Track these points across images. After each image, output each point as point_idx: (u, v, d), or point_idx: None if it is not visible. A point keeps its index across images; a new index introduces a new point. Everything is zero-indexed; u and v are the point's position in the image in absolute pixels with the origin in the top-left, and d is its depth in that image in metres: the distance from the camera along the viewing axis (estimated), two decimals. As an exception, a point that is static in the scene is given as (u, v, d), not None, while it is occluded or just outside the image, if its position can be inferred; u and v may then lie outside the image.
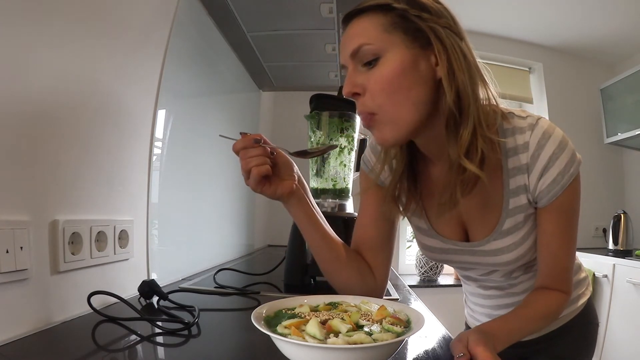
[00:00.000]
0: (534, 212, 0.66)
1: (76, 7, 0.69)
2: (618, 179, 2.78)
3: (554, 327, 0.82)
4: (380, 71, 0.58)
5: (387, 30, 0.57)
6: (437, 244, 0.74)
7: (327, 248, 0.72)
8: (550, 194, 0.62)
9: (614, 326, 2.08)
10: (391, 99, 0.58)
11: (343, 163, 1.08)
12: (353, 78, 0.60)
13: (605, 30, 2.46)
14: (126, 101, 0.85)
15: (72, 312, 0.69)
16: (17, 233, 0.57)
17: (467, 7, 2.38)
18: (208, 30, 1.26)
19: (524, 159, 0.63)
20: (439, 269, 2.51)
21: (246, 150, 0.64)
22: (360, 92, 0.59)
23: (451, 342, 0.55)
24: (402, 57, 0.57)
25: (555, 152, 0.60)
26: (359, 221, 0.78)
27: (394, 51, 0.57)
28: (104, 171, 0.78)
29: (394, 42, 0.57)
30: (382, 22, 0.58)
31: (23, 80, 0.59)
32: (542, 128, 0.61)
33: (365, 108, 0.60)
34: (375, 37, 0.57)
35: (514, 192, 0.65)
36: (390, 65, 0.57)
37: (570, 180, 0.61)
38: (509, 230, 0.67)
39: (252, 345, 0.62)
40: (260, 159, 0.63)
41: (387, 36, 0.57)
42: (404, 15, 0.57)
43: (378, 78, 0.58)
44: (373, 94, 0.58)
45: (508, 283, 0.78)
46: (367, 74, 0.59)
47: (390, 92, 0.57)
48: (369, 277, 0.75)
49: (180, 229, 1.15)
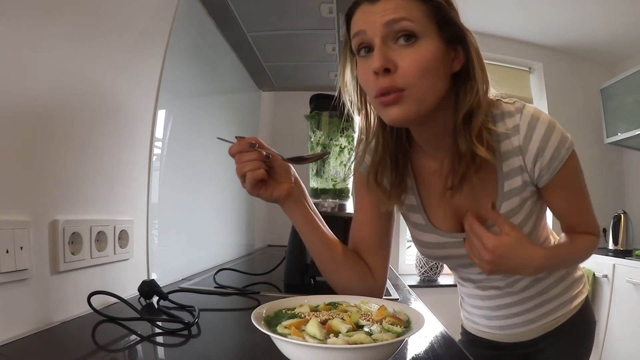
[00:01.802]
0: (529, 196, 0.68)
1: (76, 7, 0.69)
2: (618, 179, 2.78)
3: (552, 327, 0.82)
4: (419, 52, 0.57)
5: (427, 16, 0.58)
6: (435, 238, 0.74)
7: (325, 249, 0.72)
8: (550, 170, 0.64)
9: (614, 326, 2.08)
10: (424, 81, 0.58)
11: (343, 163, 1.08)
12: (385, 52, 0.57)
13: (605, 30, 2.46)
14: (126, 101, 0.85)
15: (72, 312, 0.69)
16: (17, 233, 0.57)
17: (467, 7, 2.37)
18: (208, 30, 1.26)
19: (516, 142, 0.64)
20: (439, 269, 2.51)
21: (241, 155, 0.64)
22: (392, 67, 0.58)
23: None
24: (437, 46, 0.58)
25: (547, 131, 0.63)
26: (355, 221, 0.78)
27: (430, 37, 0.58)
28: (104, 171, 0.78)
29: (431, 29, 0.58)
30: (422, 7, 0.58)
31: (23, 80, 0.59)
32: (529, 111, 0.64)
33: (395, 83, 0.57)
34: (417, 18, 0.57)
35: (507, 174, 0.66)
36: (428, 49, 0.57)
37: (568, 153, 0.64)
38: (505, 215, 0.68)
39: (252, 345, 0.61)
40: (255, 163, 0.63)
41: (427, 22, 0.58)
42: (440, 7, 0.58)
43: (417, 57, 0.57)
44: (407, 72, 0.57)
45: (506, 282, 0.78)
46: (400, 51, 0.57)
47: (425, 74, 0.57)
48: (368, 276, 0.75)
49: (180, 229, 1.15)
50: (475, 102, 0.60)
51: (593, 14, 2.31)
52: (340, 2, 1.14)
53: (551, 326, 0.82)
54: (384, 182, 0.71)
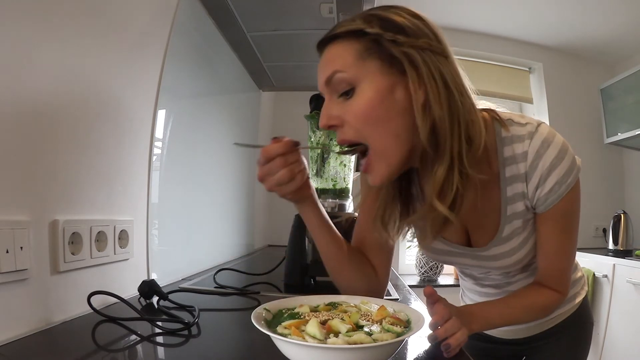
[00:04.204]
0: (532, 217, 0.67)
1: (76, 7, 0.69)
2: (618, 179, 2.78)
3: (549, 325, 0.82)
4: (356, 103, 0.55)
5: (361, 57, 0.55)
6: (440, 246, 0.75)
7: (336, 249, 0.72)
8: (547, 202, 0.61)
9: (614, 326, 2.08)
10: (373, 130, 0.55)
11: (343, 163, 1.08)
12: (328, 110, 0.58)
13: (605, 30, 2.46)
14: (126, 101, 0.85)
15: (72, 312, 0.69)
16: (17, 233, 0.57)
17: (467, 7, 2.38)
18: (208, 30, 1.26)
19: (522, 168, 0.61)
20: (439, 269, 2.51)
21: (286, 156, 0.60)
22: (337, 124, 0.57)
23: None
24: (377, 86, 0.54)
25: (554, 161, 0.59)
26: (359, 221, 0.78)
27: (369, 80, 0.54)
28: (104, 171, 0.78)
29: (369, 70, 0.54)
30: (356, 48, 0.55)
31: (23, 80, 0.59)
32: (541, 136, 0.60)
33: (346, 136, 0.57)
34: (350, 64, 0.55)
35: (511, 199, 0.65)
36: (365, 96, 0.54)
37: (568, 189, 0.60)
38: (508, 237, 0.67)
39: (252, 345, 0.61)
40: (302, 163, 0.62)
41: (362, 63, 0.54)
42: (377, 40, 0.54)
43: (355, 110, 0.55)
44: (351, 125, 0.56)
45: (505, 281, 0.78)
46: (343, 105, 0.57)
47: (370, 123, 0.55)
48: (372, 276, 0.75)
49: (180, 229, 1.15)
50: (438, 143, 0.54)
51: (593, 14, 2.31)
52: (340, 2, 1.14)
53: (549, 324, 0.82)
54: (391, 222, 0.68)
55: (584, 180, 0.64)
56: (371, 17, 0.55)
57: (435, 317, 0.56)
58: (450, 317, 0.56)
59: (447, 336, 0.54)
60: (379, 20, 0.55)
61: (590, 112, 2.70)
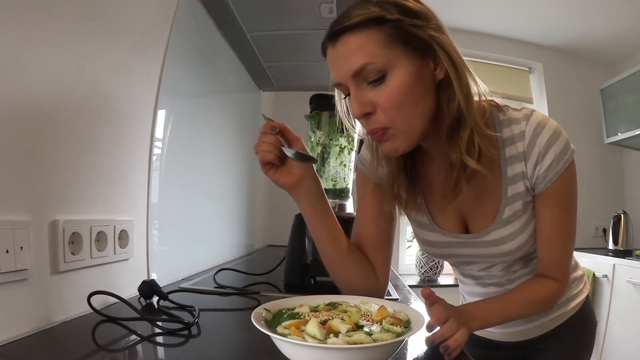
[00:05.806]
0: (532, 200, 0.68)
1: (76, 7, 0.69)
2: (618, 179, 2.78)
3: (552, 326, 0.82)
4: (390, 87, 0.57)
5: (387, 44, 0.56)
6: (438, 238, 0.75)
7: (331, 245, 0.72)
8: (546, 179, 0.63)
9: (614, 326, 2.08)
10: (404, 113, 0.58)
11: (343, 163, 1.08)
12: (360, 98, 0.59)
13: (605, 30, 2.46)
14: (126, 101, 0.85)
15: (72, 312, 0.69)
16: (17, 233, 0.57)
17: (467, 7, 2.38)
18: (208, 30, 1.26)
19: (521, 147, 0.65)
20: (439, 269, 2.51)
21: (264, 135, 0.67)
22: (371, 110, 0.59)
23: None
24: (408, 70, 0.57)
25: (550, 139, 0.62)
26: (357, 220, 0.78)
27: (399, 65, 0.57)
28: (104, 171, 0.78)
29: (396, 55, 0.56)
30: (380, 36, 0.56)
31: (23, 80, 0.59)
32: (536, 118, 0.64)
33: (378, 124, 0.59)
34: (377, 53, 0.56)
35: (511, 179, 0.66)
36: (398, 80, 0.57)
37: (566, 165, 0.63)
38: (509, 219, 0.68)
39: (252, 345, 0.61)
40: (269, 146, 0.66)
41: (389, 51, 0.56)
42: (399, 26, 0.56)
43: (389, 94, 0.57)
44: (385, 110, 0.58)
45: (507, 278, 0.78)
46: (374, 91, 0.58)
47: (402, 107, 0.58)
48: (371, 275, 0.75)
49: (180, 229, 1.15)
50: (457, 111, 0.59)
51: (593, 14, 2.31)
52: (340, 2, 1.14)
53: (550, 325, 0.82)
54: (401, 193, 0.72)
55: (584, 180, 0.65)
56: (385, 4, 0.57)
57: (431, 320, 0.56)
58: (447, 319, 0.56)
59: (445, 338, 0.54)
60: (394, 6, 0.57)
61: (590, 112, 2.70)
